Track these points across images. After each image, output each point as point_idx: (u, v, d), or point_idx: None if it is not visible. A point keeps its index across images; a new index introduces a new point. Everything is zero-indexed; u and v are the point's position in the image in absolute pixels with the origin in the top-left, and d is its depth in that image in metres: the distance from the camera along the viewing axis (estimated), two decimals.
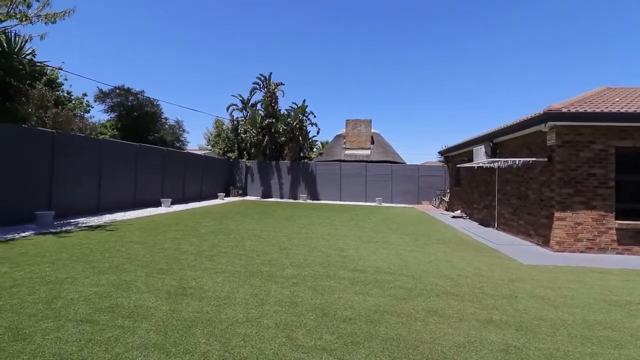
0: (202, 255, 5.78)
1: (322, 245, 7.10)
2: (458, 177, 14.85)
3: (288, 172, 21.25)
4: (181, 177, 15.72)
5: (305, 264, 5.47)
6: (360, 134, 23.23)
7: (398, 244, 7.58)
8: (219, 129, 24.59)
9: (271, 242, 7.16)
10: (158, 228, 8.44)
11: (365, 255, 6.31)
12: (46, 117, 10.86)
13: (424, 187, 20.25)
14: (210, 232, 8.17)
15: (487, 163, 9.66)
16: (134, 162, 12.37)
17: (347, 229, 9.43)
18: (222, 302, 3.68)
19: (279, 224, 9.93)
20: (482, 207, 11.74)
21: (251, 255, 5.97)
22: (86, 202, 10.26)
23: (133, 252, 5.84)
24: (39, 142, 8.68)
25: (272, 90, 22.81)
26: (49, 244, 6.19)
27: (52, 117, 11.19)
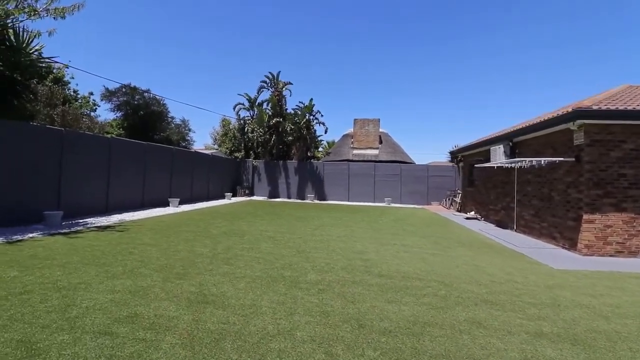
0: (219, 259, 5.52)
1: (340, 247, 6.82)
2: (471, 178, 14.51)
3: (295, 172, 20.98)
4: (189, 176, 15.49)
5: (328, 269, 5.19)
6: (369, 133, 22.92)
7: (418, 246, 7.28)
8: (226, 128, 24.36)
9: (287, 245, 6.89)
10: (169, 229, 8.19)
11: (388, 258, 6.02)
12: (55, 114, 10.63)
13: (433, 187, 19.91)
14: (222, 233, 7.91)
15: (507, 163, 9.33)
16: (143, 162, 12.14)
17: (362, 231, 9.14)
18: (248, 312, 3.41)
19: (292, 225, 9.66)
20: (499, 209, 11.40)
21: (269, 258, 5.70)
22: (94, 202, 10.04)
23: (146, 254, 5.59)
24: (47, 140, 8.46)
25: (279, 89, 22.55)
26: (59, 246, 5.95)
27: (60, 114, 10.96)
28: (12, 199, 7.68)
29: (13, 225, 7.60)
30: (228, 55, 69.99)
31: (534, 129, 8.52)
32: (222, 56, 69.83)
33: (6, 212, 7.53)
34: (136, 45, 60.93)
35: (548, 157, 8.30)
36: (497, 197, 11.54)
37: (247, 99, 22.25)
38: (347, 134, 25.04)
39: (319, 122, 21.36)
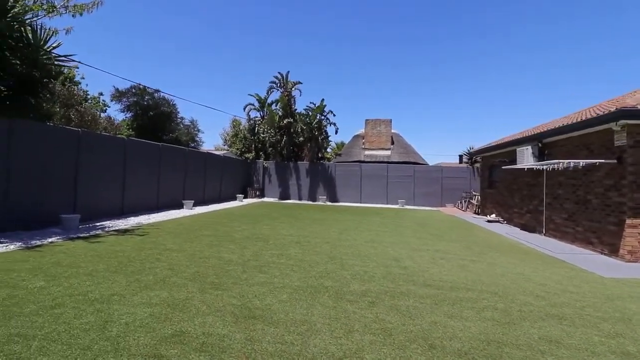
0: (250, 266, 5.22)
1: (372, 253, 6.50)
2: (491, 179, 14.14)
3: (307, 173, 20.68)
4: (201, 177, 15.24)
5: (368, 277, 4.87)
6: (380, 134, 22.57)
7: (453, 252, 6.94)
8: (236, 128, 24.12)
9: (316, 250, 6.58)
10: (189, 232, 7.91)
11: (426, 266, 5.70)
12: (72, 114, 10.38)
13: (447, 189, 19.53)
14: (245, 237, 7.61)
15: (540, 165, 8.96)
16: (157, 163, 11.90)
17: (387, 235, 8.81)
18: (302, 329, 3.10)
19: (313, 229, 9.35)
20: (524, 212, 11.03)
21: (302, 265, 5.39)
22: (110, 204, 9.79)
23: (174, 261, 5.30)
24: (64, 141, 8.22)
25: (289, 89, 22.28)
26: (81, 252, 5.67)
27: (78, 115, 10.71)
28: (29, 201, 7.43)
29: (29, 229, 7.35)
30: (237, 56, 69.85)
31: (571, 128, 8.15)
32: (232, 57, 69.67)
33: (22, 215, 7.28)
34: (145, 45, 60.90)
35: (582, 158, 7.95)
36: (522, 199, 11.17)
37: (258, 99, 22.00)
38: (357, 134, 24.70)
39: (331, 122, 21.06)
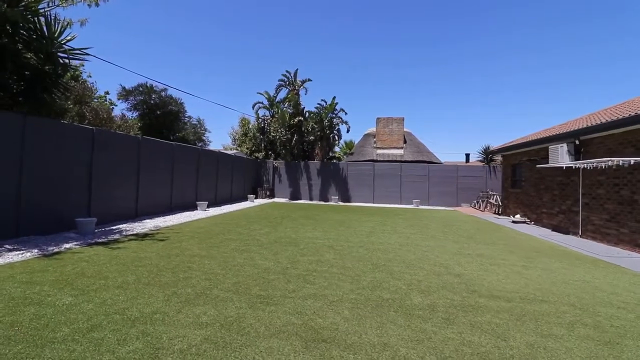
0: (292, 275, 4.76)
1: (414, 259, 6.04)
2: (515, 178, 13.66)
3: (318, 172, 20.22)
4: (214, 178, 14.77)
5: (425, 288, 4.41)
6: (392, 132, 22.08)
7: (497, 257, 6.48)
8: (245, 127, 23.64)
9: (354, 256, 6.12)
10: (212, 236, 7.46)
11: (479, 273, 5.24)
12: (87, 111, 9.88)
13: (463, 188, 19.06)
14: (272, 241, 7.15)
15: (583, 164, 8.47)
16: (171, 162, 11.44)
17: (418, 238, 8.35)
18: (386, 356, 2.64)
19: (339, 231, 8.89)
20: (555, 212, 10.56)
21: (348, 274, 4.93)
22: (124, 206, 9.33)
23: (207, 270, 4.85)
24: (78, 140, 7.75)
25: (297, 87, 21.82)
26: (103, 260, 5.22)
27: (93, 112, 10.20)
28: (42, 204, 6.97)
29: (44, 233, 6.90)
30: (245, 54, 69.24)
31: (614, 125, 7.68)
32: (240, 55, 69.00)
33: (36, 218, 6.82)
34: (153, 45, 60.27)
35: (628, 156, 7.48)
36: (553, 199, 10.70)
37: (267, 97, 21.53)
38: (368, 133, 24.21)
39: (343, 121, 20.57)
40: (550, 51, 64.03)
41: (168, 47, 61.32)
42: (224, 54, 68.84)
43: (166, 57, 62.45)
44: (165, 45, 60.71)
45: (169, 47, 61.40)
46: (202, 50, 66.37)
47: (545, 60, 65.91)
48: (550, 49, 64.38)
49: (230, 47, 67.91)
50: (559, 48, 63.35)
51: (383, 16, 62.66)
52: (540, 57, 65.60)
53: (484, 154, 19.57)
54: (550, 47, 63.79)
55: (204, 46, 65.97)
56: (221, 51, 67.86)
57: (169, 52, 62.23)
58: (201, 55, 66.47)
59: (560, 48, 62.59)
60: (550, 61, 67.20)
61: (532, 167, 12.08)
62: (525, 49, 61.78)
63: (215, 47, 67.21)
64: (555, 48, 63.98)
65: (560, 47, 62.35)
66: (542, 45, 62.95)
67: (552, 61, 66.93)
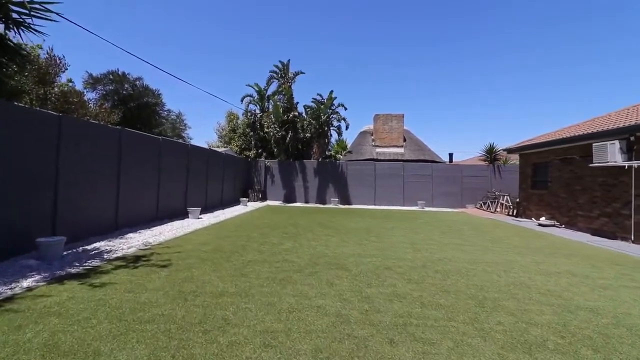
0: (384, 326, 3.21)
1: (508, 284, 4.66)
2: (536, 178, 12.82)
3: (315, 172, 18.60)
4: (203, 179, 12.76)
5: (593, 344, 3.01)
6: (392, 130, 20.88)
7: (591, 275, 5.25)
8: (233, 123, 21.48)
9: (430, 283, 4.64)
10: (226, 257, 5.69)
11: (573, 293, 3.96)
12: (51, 94, 7.50)
13: (467, 188, 18.22)
14: (310, 263, 5.51)
15: None
16: (157, 161, 9.40)
17: (473, 250, 7.02)
18: None
19: (374, 243, 7.38)
20: (596, 215, 9.68)
21: (459, 319, 3.44)
22: (101, 217, 7.27)
23: (255, 323, 3.17)
24: (39, 130, 5.68)
25: (290, 80, 20.09)
26: (85, 310, 3.37)
27: (61, 95, 7.83)
28: None
29: None
30: (242, 53, 65.50)
31: None
32: (225, 47, 65.15)
33: None
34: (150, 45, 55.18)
35: None
36: (593, 201, 9.82)
37: (257, 90, 19.57)
38: (364, 130, 22.88)
39: (341, 117, 19.06)
40: (551, 50, 63.89)
41: (166, 46, 56.81)
42: (223, 53, 64.94)
43: (164, 56, 57.84)
44: (162, 44, 56.13)
45: (166, 46, 56.90)
46: (200, 49, 62.33)
47: (545, 59, 65.77)
48: (550, 47, 63.95)
49: (228, 45, 64.16)
50: (558, 47, 63.11)
51: (382, 15, 61.37)
52: (540, 55, 65.33)
53: (488, 153, 18.84)
54: (550, 45, 63.28)
55: (202, 45, 61.97)
56: (220, 50, 63.99)
57: (167, 51, 57.67)
58: (200, 54, 62.39)
59: (560, 47, 62.46)
60: (550, 60, 67.11)
61: (561, 166, 11.23)
62: (525, 48, 61.49)
63: (213, 46, 63.27)
64: (555, 47, 63.82)
65: (560, 46, 62.38)
66: (542, 44, 62.67)
67: (551, 60, 66.97)
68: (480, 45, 60.97)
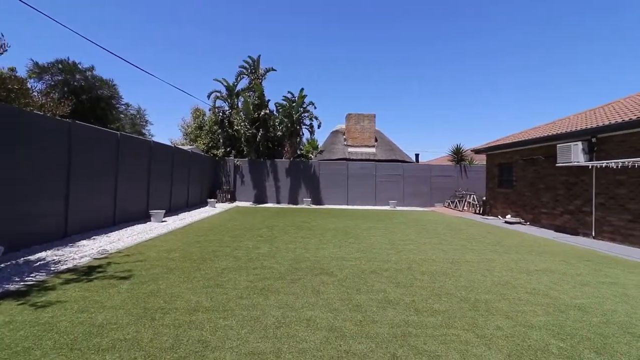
0: (383, 339, 2.92)
1: (494, 284, 4.60)
2: (503, 178, 13.34)
3: (287, 172, 18.12)
4: (168, 179, 11.84)
5: (595, 345, 2.94)
6: (364, 129, 20.91)
7: (569, 272, 5.37)
8: (199, 120, 20.33)
9: (419, 286, 4.45)
10: (197, 264, 5.15)
11: (558, 292, 3.99)
12: None
13: (436, 188, 18.70)
14: (292, 269, 5.13)
15: (612, 163, 7.95)
16: (115, 158, 8.48)
17: (450, 249, 7.02)
18: None
19: (353, 245, 7.15)
20: (559, 212, 10.20)
21: (459, 325, 3.25)
22: (47, 223, 6.35)
23: (239, 343, 2.75)
24: None
25: (260, 76, 19.46)
26: (26, 338, 2.76)
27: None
28: None
29: None
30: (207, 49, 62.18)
31: None
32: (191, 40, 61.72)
33: None
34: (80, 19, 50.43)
35: None
36: (556, 199, 10.35)
37: (226, 86, 18.70)
38: (337, 130, 22.73)
39: (313, 115, 18.73)
40: (552, 50, 62.08)
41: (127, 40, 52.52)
42: (186, 49, 61.41)
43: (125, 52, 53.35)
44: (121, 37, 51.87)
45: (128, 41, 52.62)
46: (163, 43, 58.45)
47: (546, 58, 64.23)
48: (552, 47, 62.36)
49: (192, 41, 60.77)
50: (560, 47, 61.77)
51: (349, 16, 61.42)
52: (540, 55, 63.47)
53: (455, 153, 19.46)
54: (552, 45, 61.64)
55: (165, 39, 58.15)
56: (183, 46, 60.45)
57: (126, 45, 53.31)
58: (162, 49, 58.46)
59: (562, 47, 61.19)
60: (551, 60, 65.61)
61: (526, 166, 11.76)
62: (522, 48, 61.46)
63: (176, 41, 59.65)
64: (556, 47, 62.16)
65: (562, 46, 61.12)
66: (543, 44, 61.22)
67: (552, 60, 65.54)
68: (454, 48, 62.20)
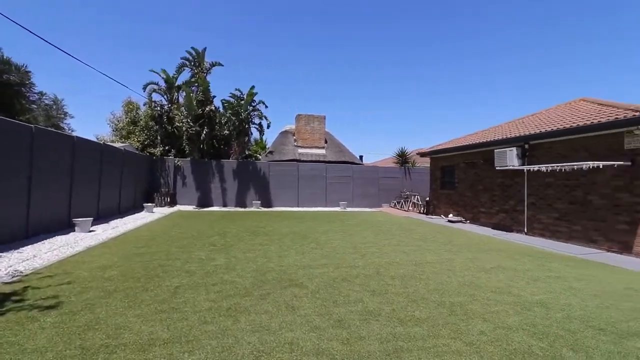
0: (377, 358, 2.69)
1: (461, 284, 4.70)
2: (445, 180, 14.26)
3: (234, 174, 17.15)
4: (95, 181, 10.26)
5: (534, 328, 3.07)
6: (314, 130, 20.76)
7: (520, 268, 5.79)
8: (132, 114, 18.13)
9: (395, 292, 4.34)
10: (142, 285, 4.38)
11: (518, 289, 4.28)
12: None
13: (383, 189, 19.40)
14: (257, 282, 4.65)
15: (547, 167, 8.84)
16: (28, 156, 7.01)
17: (409, 250, 7.15)
18: None
19: (315, 251, 6.88)
20: (495, 212, 11.18)
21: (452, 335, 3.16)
22: None
23: None
24: None
25: (205, 70, 18.19)
26: None
27: None
28: None
29: None
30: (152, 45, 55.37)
31: (583, 130, 8.04)
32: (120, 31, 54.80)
33: None
34: None
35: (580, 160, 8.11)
36: (493, 199, 11.33)
37: (165, 78, 17.01)
38: (286, 130, 22.22)
39: (262, 115, 18.02)
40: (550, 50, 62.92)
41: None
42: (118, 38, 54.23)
43: None
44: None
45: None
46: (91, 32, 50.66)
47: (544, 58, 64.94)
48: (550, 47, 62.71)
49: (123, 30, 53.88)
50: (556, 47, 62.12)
51: (289, 15, 60.73)
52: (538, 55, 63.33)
53: (400, 156, 20.43)
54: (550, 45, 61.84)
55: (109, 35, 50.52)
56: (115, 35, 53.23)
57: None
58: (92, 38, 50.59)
59: (560, 46, 61.57)
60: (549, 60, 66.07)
61: (466, 169, 12.70)
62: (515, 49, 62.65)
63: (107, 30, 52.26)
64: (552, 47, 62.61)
65: (560, 45, 61.50)
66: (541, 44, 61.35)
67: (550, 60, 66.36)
68: (452, 48, 62.82)
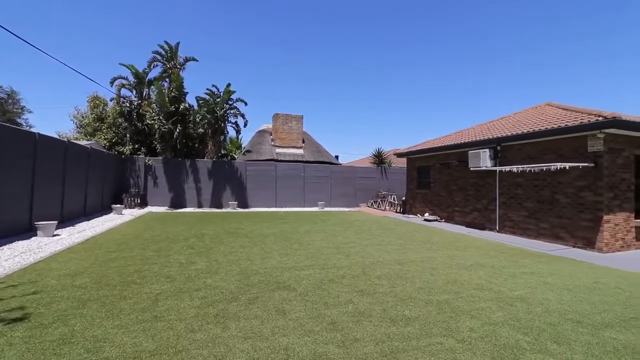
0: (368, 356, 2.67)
1: (447, 282, 4.81)
2: (421, 180, 14.62)
3: (209, 173, 16.62)
4: (59, 181, 9.53)
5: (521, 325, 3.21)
6: (292, 130, 20.55)
7: (498, 265, 6.03)
8: (99, 109, 17.03)
9: (383, 292, 4.36)
10: (119, 292, 4.11)
11: (498, 285, 4.47)
12: None
13: (360, 189, 19.60)
14: (243, 285, 4.50)
15: (521, 168, 9.27)
16: None
17: (392, 250, 7.24)
18: None
19: (300, 253, 6.78)
20: (469, 210, 11.61)
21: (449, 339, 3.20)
22: None
23: None
24: None
25: (179, 65, 17.51)
26: None
27: None
28: None
29: None
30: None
31: (550, 133, 8.49)
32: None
33: None
34: None
35: (548, 161, 8.62)
36: (466, 199, 11.75)
37: (134, 72, 16.16)
38: (263, 129, 21.84)
39: (240, 112, 17.59)
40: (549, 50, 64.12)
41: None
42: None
43: None
44: None
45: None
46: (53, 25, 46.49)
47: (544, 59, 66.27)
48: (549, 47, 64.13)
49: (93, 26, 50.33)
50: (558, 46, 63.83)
51: (276, 14, 59.95)
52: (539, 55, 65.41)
53: (377, 156, 20.74)
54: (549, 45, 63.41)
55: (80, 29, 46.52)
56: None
57: None
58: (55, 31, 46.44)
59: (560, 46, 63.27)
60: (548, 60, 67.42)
61: (442, 169, 13.11)
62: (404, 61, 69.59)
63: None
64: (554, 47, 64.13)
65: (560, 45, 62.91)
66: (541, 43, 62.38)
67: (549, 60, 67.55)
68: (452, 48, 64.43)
